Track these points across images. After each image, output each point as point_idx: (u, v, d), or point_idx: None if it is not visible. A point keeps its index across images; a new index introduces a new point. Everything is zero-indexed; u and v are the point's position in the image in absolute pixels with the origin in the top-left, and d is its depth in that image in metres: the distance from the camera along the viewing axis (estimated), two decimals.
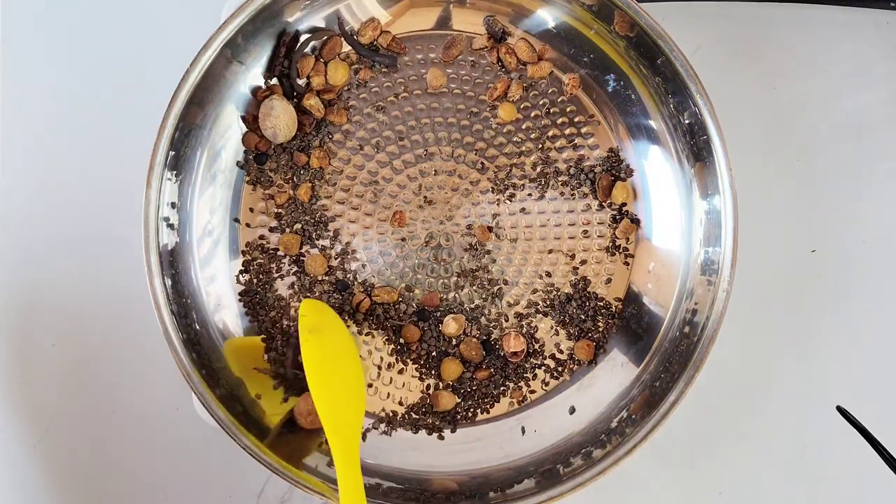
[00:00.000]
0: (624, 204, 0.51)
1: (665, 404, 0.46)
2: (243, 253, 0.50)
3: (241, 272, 0.50)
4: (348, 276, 0.50)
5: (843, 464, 0.53)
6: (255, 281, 0.50)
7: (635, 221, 0.51)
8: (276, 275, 0.50)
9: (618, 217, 0.51)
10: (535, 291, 0.51)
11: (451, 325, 0.50)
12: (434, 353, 0.50)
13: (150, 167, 0.45)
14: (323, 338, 0.45)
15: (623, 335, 0.51)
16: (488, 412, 0.51)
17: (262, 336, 0.50)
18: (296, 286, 0.50)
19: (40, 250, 0.53)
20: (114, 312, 0.53)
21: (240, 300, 0.50)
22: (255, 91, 0.50)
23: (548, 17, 0.50)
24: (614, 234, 0.51)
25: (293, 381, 0.49)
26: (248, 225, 0.50)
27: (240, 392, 0.48)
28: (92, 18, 0.54)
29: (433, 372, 0.51)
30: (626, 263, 0.51)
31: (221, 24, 0.45)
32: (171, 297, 0.46)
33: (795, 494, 0.53)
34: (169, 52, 0.48)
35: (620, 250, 0.51)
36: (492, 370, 0.50)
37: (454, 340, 0.50)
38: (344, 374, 0.45)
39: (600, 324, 0.51)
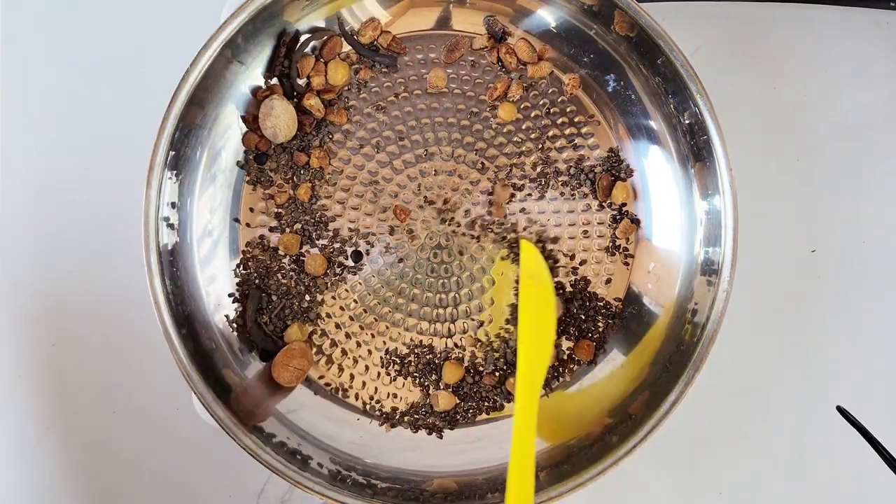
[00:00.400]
0: (624, 204, 0.51)
1: (665, 404, 0.46)
2: (243, 252, 0.50)
3: (238, 266, 0.50)
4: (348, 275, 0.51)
5: (843, 464, 0.53)
6: (253, 275, 0.50)
7: (635, 221, 0.51)
8: (275, 270, 0.50)
9: (618, 217, 0.51)
10: None
11: (451, 373, 0.50)
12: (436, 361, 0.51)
13: (150, 167, 0.45)
14: (538, 285, 0.48)
15: (623, 335, 0.51)
16: (489, 414, 0.51)
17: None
18: (293, 279, 0.50)
19: (40, 250, 0.53)
20: (114, 312, 0.53)
21: (236, 290, 0.50)
22: (255, 91, 0.50)
23: (548, 17, 0.50)
24: (614, 234, 0.51)
25: (259, 342, 0.49)
26: (248, 225, 0.50)
27: (239, 391, 0.48)
28: (92, 18, 0.54)
29: (434, 375, 0.51)
30: (626, 263, 0.51)
31: (221, 24, 0.45)
32: (171, 297, 0.46)
33: (795, 494, 0.53)
34: (169, 52, 0.47)
35: (620, 250, 0.51)
36: (497, 376, 0.50)
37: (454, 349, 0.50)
38: (545, 324, 0.47)
39: (600, 324, 0.51)
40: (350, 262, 0.51)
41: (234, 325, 0.49)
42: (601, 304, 0.51)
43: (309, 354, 0.49)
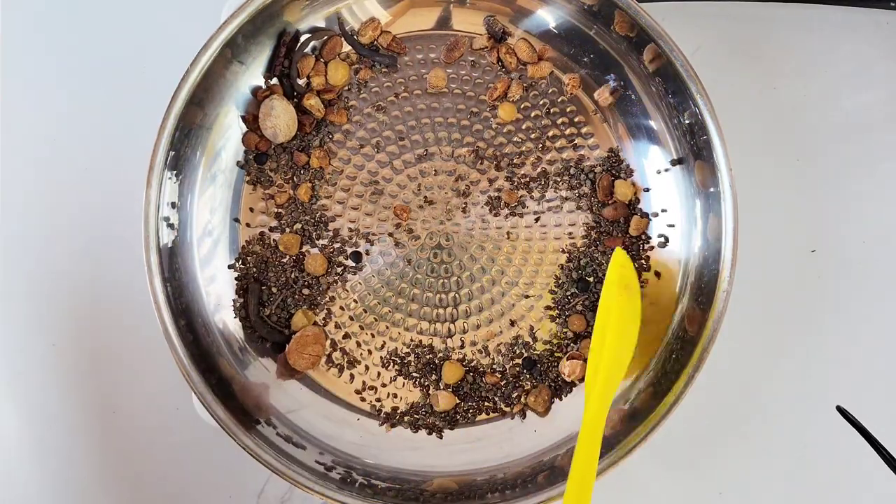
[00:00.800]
0: (633, 200, 0.51)
1: (665, 404, 0.46)
2: (242, 248, 0.50)
3: (237, 260, 0.50)
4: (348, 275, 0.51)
5: (843, 464, 0.53)
6: (252, 269, 0.50)
7: (645, 216, 0.50)
8: (274, 263, 0.50)
9: (627, 217, 0.51)
10: (536, 293, 0.51)
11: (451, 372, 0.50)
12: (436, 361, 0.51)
13: (150, 167, 0.45)
14: (629, 298, 0.47)
15: None
16: (488, 414, 0.51)
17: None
18: (293, 275, 0.50)
19: (40, 250, 0.53)
20: (114, 312, 0.53)
21: (234, 284, 0.50)
22: (256, 91, 0.50)
23: (548, 17, 0.50)
24: (627, 232, 0.50)
25: (266, 335, 0.49)
26: (248, 225, 0.50)
27: (239, 391, 0.48)
28: (92, 18, 0.54)
29: (433, 375, 0.51)
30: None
31: (221, 24, 0.45)
32: (171, 297, 0.46)
33: (795, 494, 0.53)
34: (169, 52, 0.48)
35: (643, 250, 0.51)
36: (498, 376, 0.50)
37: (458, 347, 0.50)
38: (625, 339, 0.47)
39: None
40: (350, 262, 0.51)
41: (241, 320, 0.49)
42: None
43: (322, 339, 0.49)
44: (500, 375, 0.50)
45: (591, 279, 0.51)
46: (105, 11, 0.54)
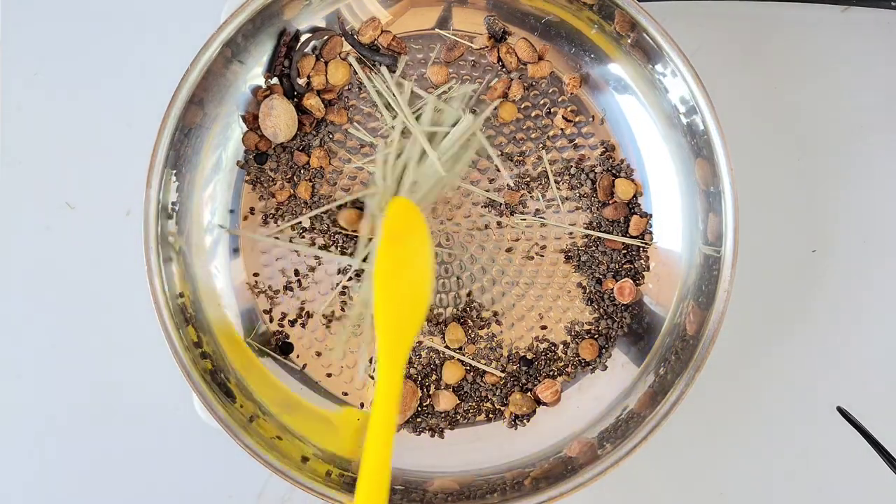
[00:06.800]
0: (633, 200, 0.51)
1: (665, 404, 0.46)
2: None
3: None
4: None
5: (843, 464, 0.53)
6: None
7: (645, 216, 0.50)
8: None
9: (627, 216, 0.51)
10: (537, 293, 0.51)
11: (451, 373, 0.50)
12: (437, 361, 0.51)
13: (150, 167, 0.45)
14: (404, 247, 0.43)
15: (623, 335, 0.51)
16: (488, 415, 0.51)
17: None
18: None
19: (40, 250, 0.53)
20: (114, 312, 0.53)
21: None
22: (256, 91, 0.49)
23: (548, 17, 0.50)
24: (626, 231, 0.50)
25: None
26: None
27: (239, 390, 0.48)
28: (92, 18, 0.54)
29: (434, 375, 0.51)
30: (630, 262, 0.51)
31: (221, 24, 0.45)
32: (170, 297, 0.46)
33: (795, 494, 0.53)
34: (169, 52, 0.47)
35: (640, 258, 0.51)
36: (500, 376, 0.50)
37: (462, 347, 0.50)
38: (414, 287, 0.43)
39: (602, 323, 0.51)
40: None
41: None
42: (608, 303, 0.51)
43: (417, 392, 0.50)
44: (500, 375, 0.50)
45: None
46: (105, 11, 0.54)
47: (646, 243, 0.50)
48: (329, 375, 0.50)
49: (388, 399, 0.41)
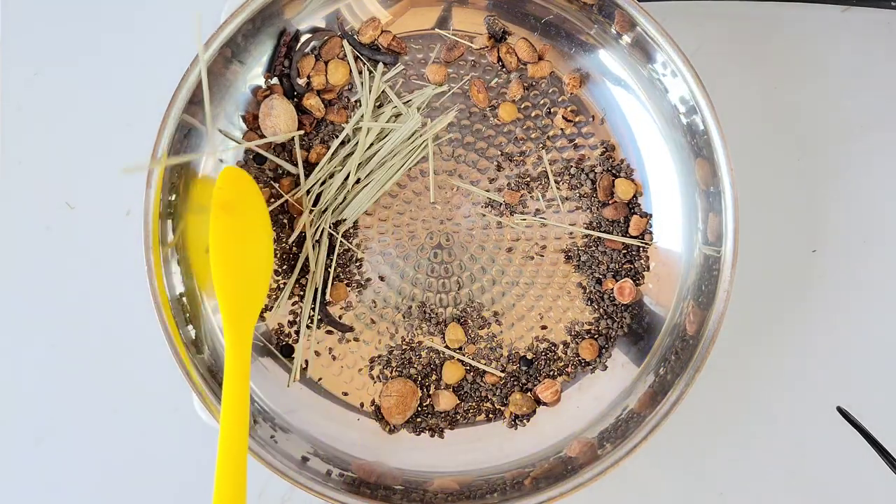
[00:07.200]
0: (633, 200, 0.51)
1: (665, 404, 0.46)
2: None
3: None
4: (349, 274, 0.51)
5: (843, 464, 0.53)
6: None
7: (645, 216, 0.50)
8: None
9: (627, 216, 0.51)
10: (537, 293, 0.51)
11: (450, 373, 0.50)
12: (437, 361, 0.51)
13: (150, 167, 0.45)
14: (237, 216, 0.42)
15: (623, 335, 0.51)
16: (488, 415, 0.51)
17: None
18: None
19: (40, 250, 0.53)
20: (114, 312, 0.53)
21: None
22: (255, 91, 0.49)
23: (548, 17, 0.50)
24: (626, 231, 0.50)
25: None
26: None
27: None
28: (92, 18, 0.54)
29: (434, 375, 0.51)
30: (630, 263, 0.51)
31: (221, 24, 0.45)
32: (170, 298, 0.46)
33: (795, 494, 0.53)
34: (169, 52, 0.47)
35: (641, 258, 0.51)
36: (500, 376, 0.50)
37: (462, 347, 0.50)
38: (253, 257, 0.43)
39: (602, 323, 0.51)
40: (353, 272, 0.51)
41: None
42: (608, 303, 0.51)
43: (417, 392, 0.50)
44: (500, 375, 0.50)
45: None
46: (105, 11, 0.54)
47: (646, 243, 0.50)
48: (330, 377, 0.51)
49: (237, 376, 0.41)
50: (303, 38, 0.50)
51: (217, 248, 0.42)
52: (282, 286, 0.50)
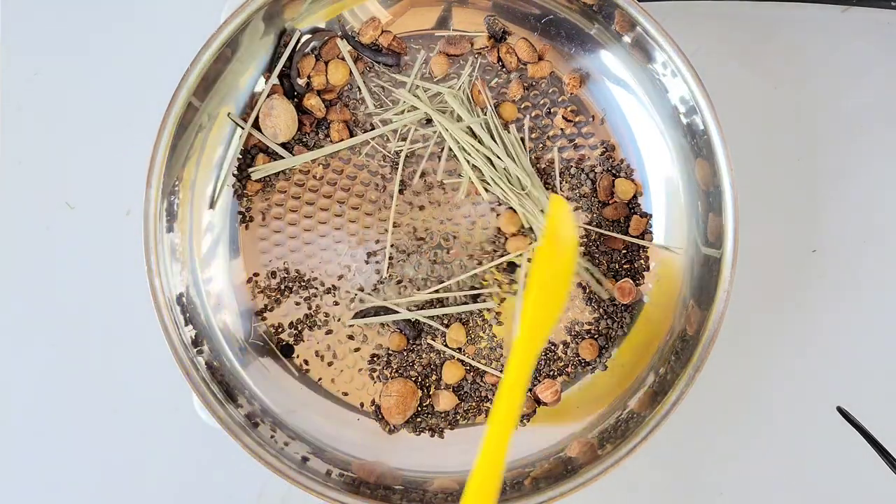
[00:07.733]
0: (633, 200, 0.51)
1: (665, 404, 0.46)
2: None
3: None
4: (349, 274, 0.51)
5: (843, 464, 0.53)
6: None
7: (645, 216, 0.50)
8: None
9: (628, 216, 0.51)
10: None
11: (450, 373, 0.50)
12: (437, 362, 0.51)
13: (150, 167, 0.45)
14: (562, 251, 0.42)
15: (623, 335, 0.51)
16: (488, 415, 0.51)
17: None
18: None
19: (40, 250, 0.53)
20: (114, 312, 0.53)
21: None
22: (256, 91, 0.50)
23: (548, 17, 0.50)
24: (626, 231, 0.50)
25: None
26: (246, 228, 0.50)
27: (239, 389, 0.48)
28: (92, 18, 0.54)
29: (434, 375, 0.51)
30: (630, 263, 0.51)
31: (221, 24, 0.45)
32: (170, 298, 0.46)
33: (795, 494, 0.53)
34: (169, 52, 0.47)
35: (640, 258, 0.51)
36: (500, 376, 0.50)
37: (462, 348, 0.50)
38: (556, 291, 0.42)
39: (602, 323, 0.51)
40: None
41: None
42: (608, 303, 0.51)
43: (417, 392, 0.50)
44: (500, 375, 0.50)
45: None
46: (105, 11, 0.54)
47: (646, 243, 0.50)
48: (332, 379, 0.51)
49: (515, 391, 0.40)
50: (303, 39, 0.50)
51: (538, 274, 0.41)
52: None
